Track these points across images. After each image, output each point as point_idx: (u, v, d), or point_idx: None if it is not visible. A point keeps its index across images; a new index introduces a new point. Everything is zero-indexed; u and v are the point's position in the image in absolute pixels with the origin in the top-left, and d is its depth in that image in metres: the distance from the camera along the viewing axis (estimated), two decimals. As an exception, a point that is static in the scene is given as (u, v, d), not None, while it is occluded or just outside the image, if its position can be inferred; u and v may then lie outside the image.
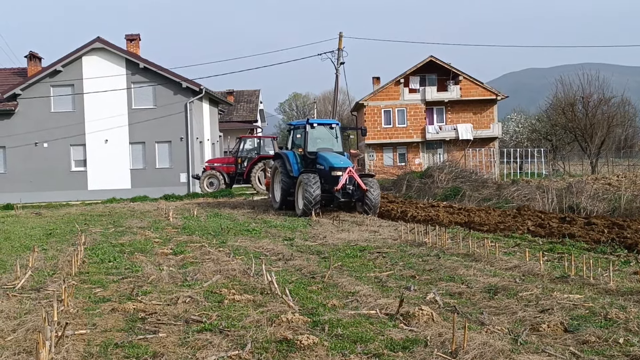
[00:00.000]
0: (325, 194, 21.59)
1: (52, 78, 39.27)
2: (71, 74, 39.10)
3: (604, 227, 15.85)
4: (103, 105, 38.87)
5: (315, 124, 23.66)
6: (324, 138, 23.76)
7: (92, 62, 39.33)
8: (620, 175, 39.87)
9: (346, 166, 21.73)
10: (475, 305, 8.24)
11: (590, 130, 58.85)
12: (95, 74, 38.83)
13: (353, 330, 7.04)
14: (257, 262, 11.27)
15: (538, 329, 6.98)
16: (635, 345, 6.33)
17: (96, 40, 39.28)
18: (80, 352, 6.48)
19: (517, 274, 10.32)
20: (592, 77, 62.63)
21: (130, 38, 41.76)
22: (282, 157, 23.80)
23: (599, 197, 21.50)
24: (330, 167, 21.76)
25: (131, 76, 39.47)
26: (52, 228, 20.24)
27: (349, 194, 21.70)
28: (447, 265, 11.28)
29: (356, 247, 14.03)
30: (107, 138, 39.20)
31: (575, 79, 63.43)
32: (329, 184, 21.65)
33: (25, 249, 14.73)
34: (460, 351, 6.08)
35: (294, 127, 25.43)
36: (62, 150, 39.17)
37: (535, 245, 13.82)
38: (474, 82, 59.96)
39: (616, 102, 63.94)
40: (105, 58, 39.43)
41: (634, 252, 12.31)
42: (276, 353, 6.28)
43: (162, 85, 39.51)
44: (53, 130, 38.59)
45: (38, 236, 18.08)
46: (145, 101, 39.60)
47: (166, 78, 39.44)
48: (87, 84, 38.93)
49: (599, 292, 8.76)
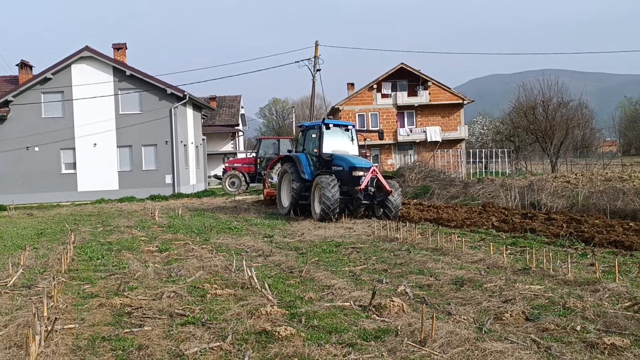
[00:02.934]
0: (343, 196, 19.25)
1: (43, 85, 38.89)
2: (61, 81, 38.76)
3: (562, 222, 16.00)
4: (91, 111, 38.56)
5: (331, 124, 21.34)
6: (339, 140, 21.38)
7: (81, 70, 39.00)
8: (578, 173, 40.17)
9: (368, 166, 19.52)
10: (443, 297, 8.28)
11: (550, 131, 59.31)
12: (84, 81, 38.52)
13: (328, 321, 7.04)
14: (238, 259, 11.23)
15: (501, 318, 7.01)
16: (591, 332, 6.39)
17: (85, 49, 38.99)
18: (68, 345, 6.41)
19: (482, 266, 10.39)
20: (552, 82, 63.13)
21: (117, 47, 41.51)
22: (294, 160, 21.43)
23: (558, 194, 21.67)
24: (351, 166, 19.44)
25: (118, 83, 39.21)
26: (43, 228, 20.06)
27: (371, 196, 19.25)
28: (417, 259, 11.33)
29: (332, 243, 14.04)
30: (95, 142, 38.91)
31: (536, 84, 63.95)
32: (348, 185, 19.30)
33: (17, 248, 14.59)
34: (429, 340, 6.09)
35: (306, 128, 22.83)
36: (53, 154, 38.81)
37: (499, 239, 13.92)
38: (442, 87, 60.26)
39: (574, 105, 64.49)
40: (94, 66, 39.12)
41: (591, 246, 12.44)
42: (255, 344, 6.26)
43: (147, 92, 39.31)
44: (44, 134, 38.24)
45: (29, 236, 17.90)
46: (131, 107, 39.37)
47: (152, 85, 39.27)
48: (76, 90, 38.59)
49: (558, 283, 8.84)
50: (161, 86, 39.21)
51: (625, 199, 18.53)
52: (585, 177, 32.93)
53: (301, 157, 21.18)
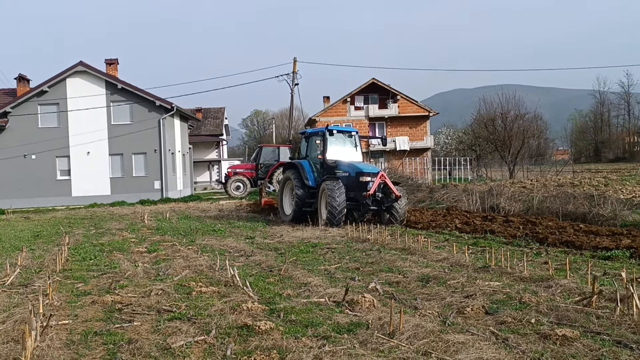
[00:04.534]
0: (350, 202, 17.73)
1: (39, 97, 38.51)
2: (56, 94, 38.42)
3: (519, 224, 16.12)
4: (85, 122, 38.24)
5: (334, 130, 19.59)
6: (343, 146, 19.69)
7: (75, 83, 38.67)
8: (533, 179, 40.56)
9: (376, 171, 18.18)
10: (410, 293, 8.29)
11: (508, 141, 59.87)
12: (78, 94, 38.23)
13: (305, 316, 7.02)
14: (222, 258, 11.17)
15: (463, 312, 7.04)
16: (545, 324, 6.44)
17: (79, 64, 38.69)
18: (63, 340, 6.34)
19: (446, 265, 10.43)
20: (510, 96, 63.81)
21: (109, 62, 41.26)
22: (297, 167, 19.72)
23: (515, 198, 21.82)
24: (358, 172, 17.98)
25: (110, 95, 38.93)
26: (39, 230, 19.82)
27: (379, 202, 17.84)
28: (387, 258, 11.35)
29: (309, 244, 14.02)
30: (89, 150, 38.58)
31: (495, 98, 64.63)
32: (354, 191, 17.79)
33: (15, 249, 14.38)
34: (397, 332, 6.11)
35: (309, 135, 20.96)
36: (49, 161, 38.44)
37: (461, 240, 13.98)
38: (409, 100, 60.59)
39: (530, 117, 65.18)
40: (87, 79, 38.81)
41: (544, 245, 12.54)
42: (237, 337, 6.23)
43: (138, 104, 39.09)
44: (40, 143, 37.86)
45: (26, 238, 17.67)
46: (123, 117, 39.13)
47: (141, 97, 39.06)
48: (70, 102, 38.26)
49: (515, 279, 8.89)
50: (150, 98, 39.04)
51: (576, 202, 18.72)
52: (540, 183, 33.23)
53: (304, 164, 19.62)
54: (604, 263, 10.30)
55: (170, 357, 5.65)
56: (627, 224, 15.41)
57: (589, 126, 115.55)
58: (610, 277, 8.84)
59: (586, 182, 32.32)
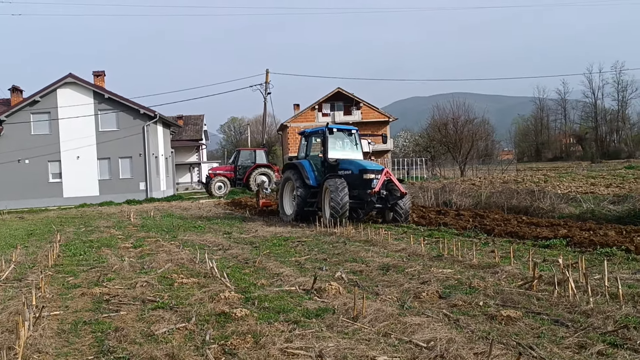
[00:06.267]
0: (354, 200, 16.15)
1: (32, 107, 37.87)
2: (48, 103, 37.80)
3: (469, 217, 16.22)
4: (75, 129, 37.68)
5: (334, 129, 17.95)
6: (343, 144, 18.11)
7: (65, 94, 38.08)
8: (482, 177, 40.92)
9: (380, 169, 16.55)
10: (372, 280, 8.31)
11: (459, 143, 60.32)
12: (68, 103, 37.68)
13: (277, 303, 7.00)
14: (202, 252, 11.08)
15: (419, 297, 7.07)
16: (492, 306, 6.50)
17: (68, 76, 38.12)
18: (54, 329, 6.23)
19: (404, 254, 10.46)
20: (460, 103, 64.23)
21: (96, 74, 40.81)
22: (297, 167, 18.03)
23: (466, 194, 21.95)
24: (362, 169, 16.36)
25: (98, 105, 38.43)
26: (33, 229, 19.45)
27: (383, 199, 16.21)
28: (351, 249, 11.36)
29: (281, 237, 13.98)
30: (78, 155, 38.01)
31: (447, 105, 64.97)
32: (358, 189, 16.18)
33: (10, 247, 14.12)
34: (360, 316, 6.12)
35: (308, 134, 19.11)
36: (41, 166, 37.81)
37: (418, 232, 14.02)
38: (371, 107, 60.97)
39: (478, 122, 65.72)
40: (76, 90, 38.23)
41: (491, 236, 12.65)
42: (216, 324, 6.18)
43: (123, 112, 38.66)
44: (33, 149, 37.26)
45: (21, 236, 17.33)
46: (109, 124, 38.66)
47: (127, 106, 38.65)
48: (61, 111, 37.66)
49: (465, 267, 8.96)
50: (135, 107, 38.69)
51: (519, 197, 18.92)
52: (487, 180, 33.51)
53: (304, 163, 17.96)
54: (543, 251, 10.43)
55: (154, 343, 5.58)
56: (563, 216, 15.64)
57: (530, 129, 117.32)
58: (549, 263, 8.98)
59: (528, 179, 32.74)
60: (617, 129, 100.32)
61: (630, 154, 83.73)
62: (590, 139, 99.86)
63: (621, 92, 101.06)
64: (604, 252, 9.77)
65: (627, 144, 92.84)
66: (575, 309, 6.15)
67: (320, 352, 5.04)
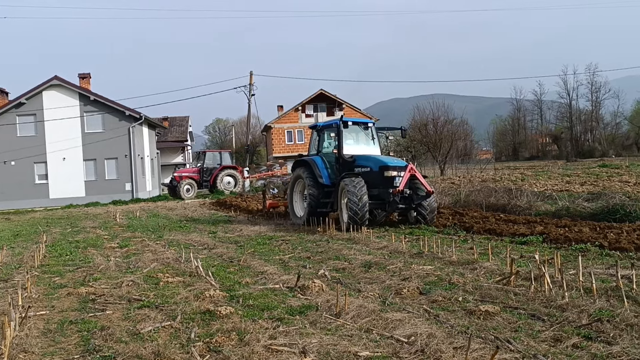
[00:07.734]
0: (373, 200, 14.23)
1: (18, 109, 37.41)
2: (33, 105, 37.36)
3: (448, 215, 16.25)
4: (60, 130, 37.28)
5: (349, 122, 15.92)
6: (358, 139, 16.23)
7: (51, 96, 37.67)
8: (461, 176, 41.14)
9: (403, 165, 14.61)
10: (355, 277, 8.31)
11: (439, 143, 60.51)
12: (54, 105, 37.23)
13: (261, 301, 6.98)
14: (187, 251, 11.03)
15: (400, 293, 7.08)
16: (470, 302, 6.54)
17: (54, 78, 37.71)
18: (40, 329, 6.16)
19: (386, 252, 10.48)
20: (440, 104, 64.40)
21: (82, 76, 40.32)
22: (308, 164, 16.07)
23: (446, 192, 22.00)
24: (382, 166, 14.39)
25: (83, 106, 38.05)
26: (19, 230, 19.23)
27: (407, 199, 14.43)
28: (334, 247, 11.37)
29: (265, 236, 13.95)
30: (64, 156, 37.61)
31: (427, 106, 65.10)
32: (378, 187, 14.29)
33: (-4, 248, 13.92)
34: (343, 313, 6.11)
35: (320, 128, 17.03)
36: (27, 167, 37.35)
37: (399, 230, 14.05)
38: (353, 109, 61.01)
39: (457, 122, 65.94)
40: (62, 92, 37.84)
41: (470, 233, 12.71)
42: (201, 322, 6.15)
43: (109, 114, 38.32)
44: (19, 151, 36.77)
45: (7, 237, 17.12)
46: (95, 126, 38.30)
47: (112, 108, 38.31)
48: (47, 113, 37.22)
49: (445, 263, 8.99)
50: (120, 109, 38.35)
51: (497, 195, 19.01)
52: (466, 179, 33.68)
53: (316, 159, 16.02)
54: (520, 247, 10.50)
55: (140, 341, 5.54)
56: (540, 213, 15.75)
57: (508, 129, 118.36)
58: (526, 259, 9.03)
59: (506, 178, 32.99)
60: (591, 128, 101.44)
61: (603, 153, 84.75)
62: (565, 139, 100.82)
63: (595, 93, 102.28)
64: (578, 248, 9.85)
65: (601, 143, 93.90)
66: (551, 304, 6.20)
67: (303, 349, 5.04)
